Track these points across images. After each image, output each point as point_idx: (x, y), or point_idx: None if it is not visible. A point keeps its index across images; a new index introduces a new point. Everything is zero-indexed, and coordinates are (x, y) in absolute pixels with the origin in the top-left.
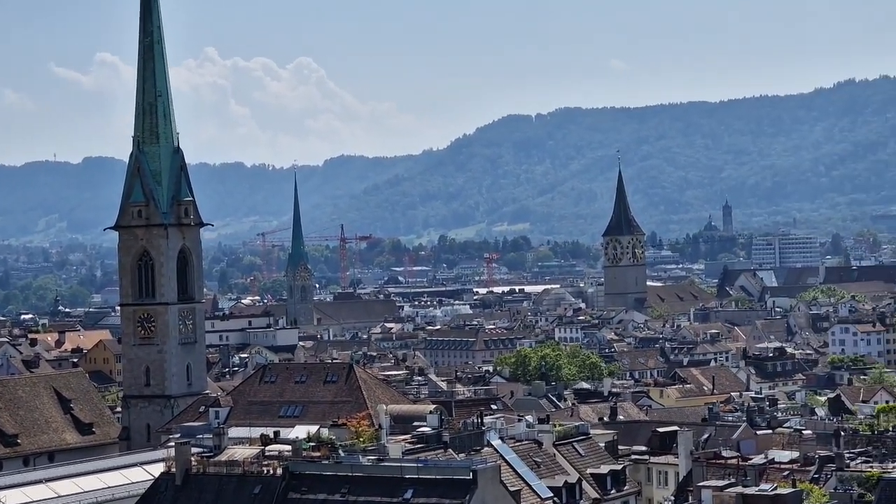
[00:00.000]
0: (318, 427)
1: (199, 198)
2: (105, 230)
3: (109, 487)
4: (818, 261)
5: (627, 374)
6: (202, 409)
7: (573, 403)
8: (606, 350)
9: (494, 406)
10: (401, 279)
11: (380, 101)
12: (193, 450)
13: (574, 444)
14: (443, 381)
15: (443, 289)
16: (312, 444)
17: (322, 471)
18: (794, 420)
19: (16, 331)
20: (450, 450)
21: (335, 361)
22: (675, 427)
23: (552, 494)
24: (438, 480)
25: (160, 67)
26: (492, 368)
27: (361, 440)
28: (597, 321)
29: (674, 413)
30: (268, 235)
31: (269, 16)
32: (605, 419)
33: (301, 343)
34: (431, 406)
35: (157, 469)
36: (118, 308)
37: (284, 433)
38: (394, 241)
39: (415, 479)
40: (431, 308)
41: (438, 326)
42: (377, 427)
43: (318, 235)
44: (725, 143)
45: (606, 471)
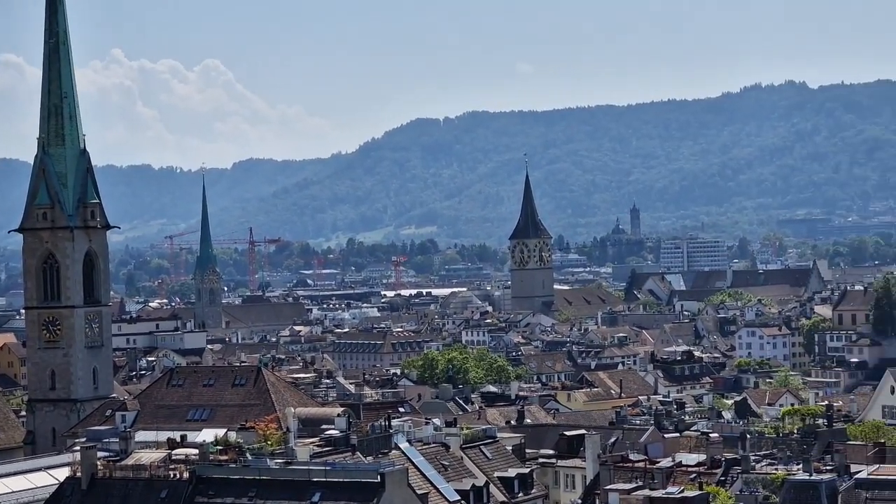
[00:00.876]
0: (226, 430)
1: (106, 200)
2: (9, 232)
3: (14, 492)
4: (725, 264)
5: (535, 378)
6: (108, 413)
7: (480, 406)
8: (513, 353)
9: (402, 409)
10: (309, 282)
11: (288, 105)
12: (100, 454)
13: (481, 448)
14: (351, 384)
15: (351, 292)
16: (220, 448)
17: (229, 474)
18: (701, 423)
19: None
20: (357, 453)
21: (243, 364)
22: (583, 430)
23: (459, 498)
24: (346, 483)
25: (66, 69)
26: (399, 371)
27: (269, 443)
28: (504, 324)
29: (581, 416)
30: (176, 238)
31: (176, 17)
32: (513, 422)
33: (209, 346)
34: (339, 409)
35: (63, 473)
36: (23, 311)
37: (192, 437)
38: (302, 245)
39: (322, 483)
40: (340, 311)
41: (347, 329)
42: (285, 430)
43: (227, 238)
44: (633, 147)
45: (514, 474)
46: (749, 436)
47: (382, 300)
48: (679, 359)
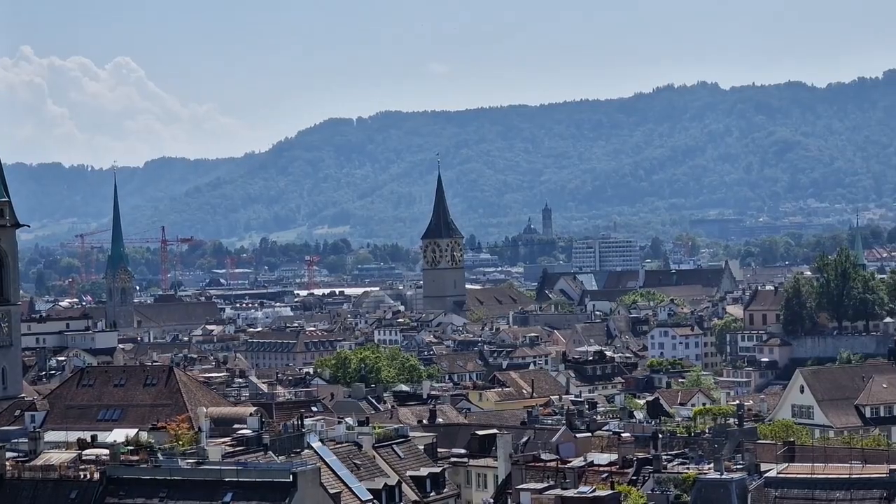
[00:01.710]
0: (137, 431)
1: (16, 198)
2: None
3: None
4: (638, 264)
5: (446, 377)
6: (18, 413)
7: (392, 406)
8: (425, 352)
9: (315, 408)
10: (222, 281)
11: (201, 103)
12: (8, 454)
13: (393, 447)
14: (264, 384)
15: (264, 291)
16: (131, 448)
17: (140, 475)
18: (613, 423)
19: None
20: (270, 452)
21: (155, 364)
22: (494, 430)
23: (372, 497)
24: (258, 483)
25: None
26: (312, 370)
27: (181, 443)
28: (416, 324)
29: (493, 416)
30: (87, 237)
31: (87, 15)
32: (425, 422)
33: (120, 346)
34: (252, 408)
35: None
36: None
37: (102, 437)
38: (215, 244)
39: (234, 483)
40: (253, 310)
41: (259, 329)
42: (197, 430)
43: (139, 237)
44: (545, 147)
45: (426, 473)
46: (661, 435)
47: (295, 300)
48: (591, 359)
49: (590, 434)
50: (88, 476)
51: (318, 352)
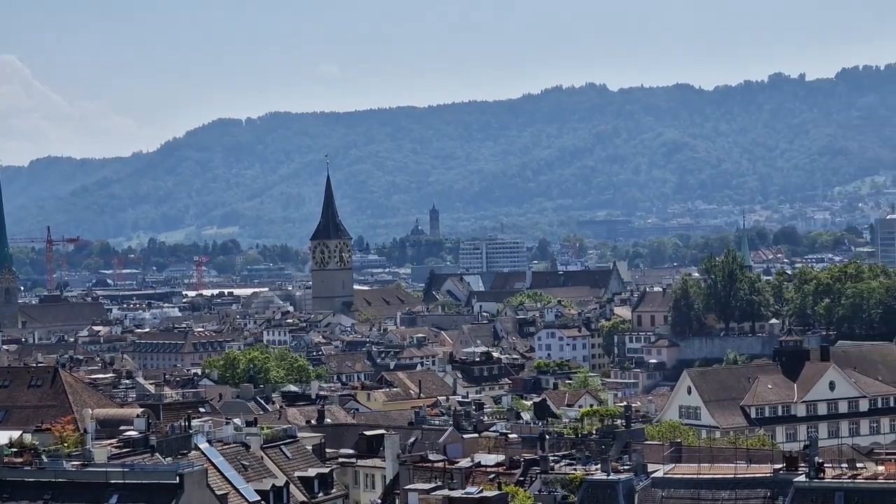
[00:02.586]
0: (22, 432)
1: None
2: None
3: None
4: (525, 266)
5: (335, 378)
6: None
7: (281, 406)
8: (314, 353)
9: (202, 409)
10: (109, 282)
11: (89, 102)
12: None
13: (281, 447)
14: (151, 385)
15: (152, 292)
16: (15, 450)
17: (24, 477)
18: (500, 424)
19: None
20: (157, 454)
21: (40, 365)
22: (382, 430)
23: (259, 498)
24: (144, 485)
25: None
26: (200, 371)
27: (66, 445)
28: (305, 324)
29: (381, 416)
30: None
31: None
32: (313, 422)
33: (5, 347)
34: (139, 410)
35: None
36: None
37: None
38: (102, 244)
39: (120, 484)
40: (140, 311)
41: (147, 329)
42: (82, 431)
43: (24, 237)
44: (434, 148)
45: (314, 474)
46: (548, 436)
47: (184, 300)
48: (478, 360)
49: (477, 435)
50: None
51: (207, 352)
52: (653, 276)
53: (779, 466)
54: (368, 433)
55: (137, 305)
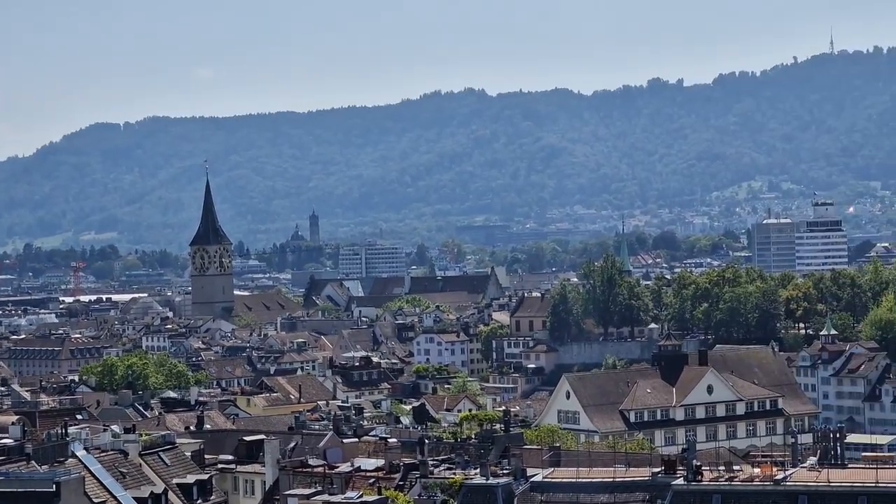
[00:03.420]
0: None
1: None
2: None
3: None
4: (404, 271)
5: (214, 383)
6: None
7: (160, 412)
8: (194, 359)
9: (80, 416)
10: None
11: None
12: None
13: (160, 454)
14: (27, 392)
15: (28, 297)
16: None
17: None
18: (380, 428)
19: None
20: (32, 461)
21: None
22: (262, 436)
23: None
24: (20, 493)
25: None
26: (78, 378)
27: None
28: (184, 330)
29: (261, 422)
30: None
31: None
32: (192, 428)
33: None
34: (14, 417)
35: None
36: None
37: None
38: None
39: None
40: (16, 317)
41: (23, 336)
42: None
43: None
44: (314, 154)
45: (193, 480)
46: (427, 441)
47: (61, 306)
48: (357, 364)
49: (357, 439)
50: None
51: (84, 359)
52: (531, 282)
53: (657, 470)
54: (248, 439)
55: (13, 311)
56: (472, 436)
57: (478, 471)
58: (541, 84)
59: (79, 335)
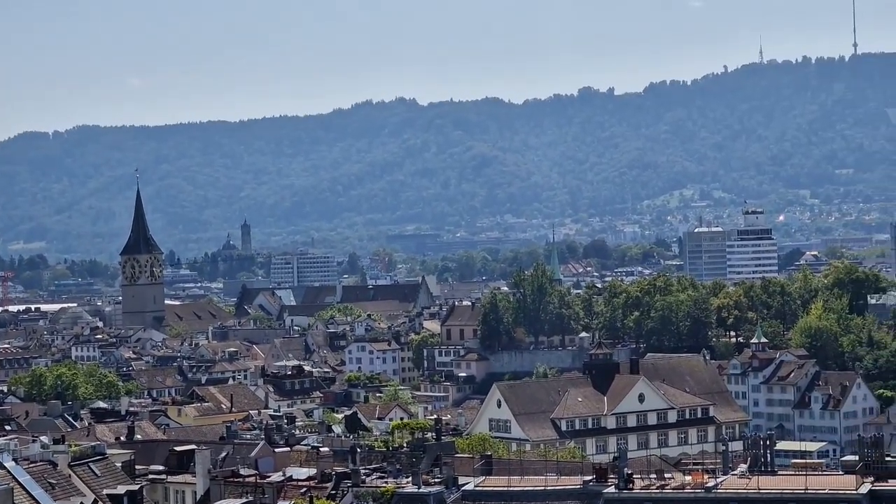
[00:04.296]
0: None
1: None
2: None
3: None
4: (336, 280)
5: (145, 393)
6: None
7: (90, 423)
8: (124, 368)
9: (8, 427)
10: None
11: None
12: None
13: (90, 465)
14: None
15: None
16: None
17: None
18: (312, 437)
19: None
20: None
21: None
22: (193, 446)
23: None
24: None
25: None
26: (6, 388)
27: None
28: (115, 340)
29: (192, 432)
30: None
31: None
32: (123, 439)
33: None
34: None
35: None
36: None
37: None
38: None
39: None
40: None
41: None
42: None
43: None
44: (245, 163)
45: (123, 491)
46: (359, 449)
47: None
48: (289, 373)
49: (289, 448)
50: None
51: (13, 369)
52: (462, 290)
53: (589, 478)
54: (179, 449)
55: None
56: (404, 444)
57: (410, 479)
58: (472, 93)
59: (7, 345)
